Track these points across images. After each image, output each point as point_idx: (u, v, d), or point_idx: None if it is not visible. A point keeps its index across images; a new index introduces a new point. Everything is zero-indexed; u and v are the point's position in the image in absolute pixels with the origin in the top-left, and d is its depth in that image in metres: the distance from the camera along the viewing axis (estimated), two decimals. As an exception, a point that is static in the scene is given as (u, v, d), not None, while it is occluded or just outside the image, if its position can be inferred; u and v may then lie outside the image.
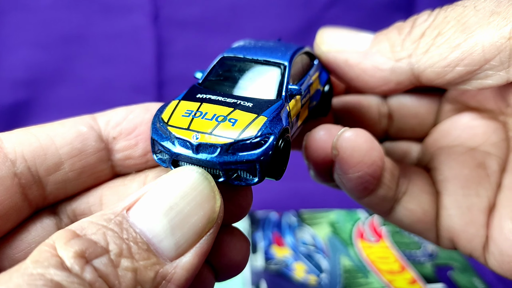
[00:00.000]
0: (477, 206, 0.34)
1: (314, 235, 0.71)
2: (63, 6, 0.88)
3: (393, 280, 0.62)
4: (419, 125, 0.41)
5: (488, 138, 0.36)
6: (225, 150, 0.24)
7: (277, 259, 0.66)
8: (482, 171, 0.35)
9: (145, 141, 0.29)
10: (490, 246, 0.33)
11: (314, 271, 0.64)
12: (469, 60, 0.28)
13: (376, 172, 0.31)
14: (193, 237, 0.22)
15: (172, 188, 0.22)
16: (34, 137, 0.26)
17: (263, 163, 0.24)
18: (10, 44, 0.91)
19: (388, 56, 0.32)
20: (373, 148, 0.31)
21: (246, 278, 0.62)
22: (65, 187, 0.28)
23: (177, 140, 0.25)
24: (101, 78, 0.93)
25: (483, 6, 0.28)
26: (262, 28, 0.89)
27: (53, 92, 0.93)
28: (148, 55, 0.91)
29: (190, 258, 0.22)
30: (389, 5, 0.87)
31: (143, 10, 0.88)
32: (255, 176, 0.24)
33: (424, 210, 0.35)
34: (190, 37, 0.90)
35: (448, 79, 0.30)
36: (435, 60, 0.30)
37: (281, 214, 0.75)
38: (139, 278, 0.20)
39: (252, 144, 0.24)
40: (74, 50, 0.91)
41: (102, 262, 0.19)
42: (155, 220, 0.21)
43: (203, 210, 0.22)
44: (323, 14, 0.89)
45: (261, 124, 0.25)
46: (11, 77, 0.92)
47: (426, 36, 0.30)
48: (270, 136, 0.25)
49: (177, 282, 0.21)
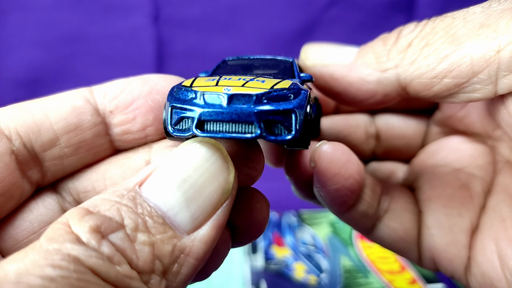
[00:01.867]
0: (459, 227, 0.33)
1: (314, 235, 0.71)
2: (64, 6, 0.88)
3: (393, 280, 0.62)
4: (406, 146, 0.41)
5: (474, 161, 0.36)
6: (260, 99, 0.23)
7: (277, 259, 0.66)
8: (466, 192, 0.35)
9: (143, 115, 0.28)
10: (472, 268, 0.32)
11: (314, 271, 0.64)
12: (457, 72, 0.28)
13: (353, 185, 0.31)
14: (209, 209, 0.21)
15: (184, 160, 0.22)
16: (27, 113, 0.26)
17: (299, 114, 0.23)
18: (11, 44, 0.91)
19: (374, 67, 0.31)
20: (350, 161, 0.31)
21: (246, 278, 0.62)
22: (63, 163, 0.28)
23: (205, 96, 0.24)
24: (101, 78, 0.93)
25: (472, 18, 0.28)
26: (262, 28, 0.89)
27: (54, 92, 0.93)
28: (148, 55, 0.91)
29: (207, 230, 0.21)
30: (390, 5, 0.87)
31: (143, 10, 0.88)
32: (291, 130, 0.23)
33: (405, 228, 0.34)
34: (190, 37, 0.90)
35: (435, 91, 0.29)
36: (422, 71, 0.29)
37: (281, 214, 0.75)
38: (156, 252, 0.19)
39: (286, 96, 0.23)
40: (75, 50, 0.91)
41: (119, 237, 0.19)
42: (169, 193, 0.21)
43: (217, 181, 0.22)
44: (324, 14, 0.89)
45: (289, 83, 0.25)
46: (12, 76, 0.92)
47: (413, 46, 0.29)
48: (302, 91, 0.24)
49: (196, 255, 0.21)
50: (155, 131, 0.29)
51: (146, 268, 0.19)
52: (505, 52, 0.26)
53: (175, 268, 0.20)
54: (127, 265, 0.18)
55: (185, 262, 0.20)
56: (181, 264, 0.20)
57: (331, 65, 0.33)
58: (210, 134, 0.23)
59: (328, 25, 0.89)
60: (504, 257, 0.30)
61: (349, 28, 0.90)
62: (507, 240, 0.31)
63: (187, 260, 0.21)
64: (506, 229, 0.31)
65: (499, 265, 0.31)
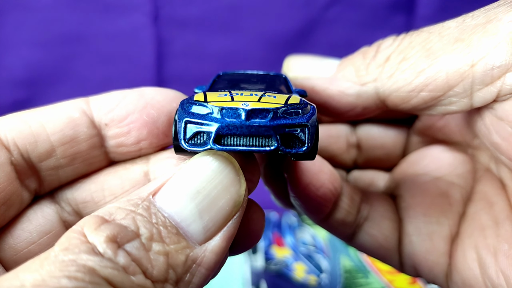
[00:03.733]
0: (438, 234, 0.34)
1: (314, 235, 0.71)
2: (63, 5, 0.88)
3: (393, 280, 0.62)
4: (387, 155, 0.41)
5: (454, 169, 0.37)
6: (277, 113, 0.24)
7: (277, 259, 0.66)
8: (445, 200, 0.35)
9: (137, 130, 0.28)
10: (453, 275, 0.33)
11: (314, 271, 0.64)
12: (434, 86, 0.28)
13: (326, 194, 0.32)
14: (221, 220, 0.22)
15: (198, 172, 0.22)
16: (25, 124, 0.26)
17: (312, 127, 0.25)
18: (10, 44, 0.91)
19: (353, 81, 0.32)
20: (321, 171, 0.32)
21: (246, 278, 0.62)
22: (58, 173, 0.28)
23: (224, 111, 0.24)
24: (101, 78, 0.93)
25: (447, 33, 0.28)
26: (262, 28, 0.89)
27: (53, 92, 0.93)
28: (148, 55, 0.91)
29: (219, 241, 0.22)
30: (390, 5, 0.87)
31: (143, 9, 0.88)
32: (305, 142, 0.24)
33: (385, 235, 0.35)
34: (190, 37, 0.90)
35: (413, 104, 0.30)
36: (400, 84, 0.29)
37: (281, 214, 0.75)
38: (171, 261, 0.20)
39: (299, 111, 0.25)
40: (74, 49, 0.91)
41: (134, 246, 0.19)
42: (182, 204, 0.21)
43: (230, 193, 0.22)
44: (324, 14, 0.89)
45: (298, 98, 0.26)
46: (10, 76, 0.92)
47: (391, 60, 0.30)
48: (311, 106, 0.26)
49: (207, 266, 0.21)
50: (148, 145, 0.29)
51: (160, 277, 0.19)
52: (478, 66, 0.26)
53: (187, 277, 0.21)
54: (142, 275, 0.19)
55: (197, 272, 0.21)
56: (193, 274, 0.21)
57: (313, 78, 0.33)
58: (228, 147, 0.24)
59: (328, 24, 0.89)
60: (484, 265, 0.31)
61: (349, 28, 0.90)
62: (487, 248, 0.31)
63: (198, 270, 0.21)
64: (485, 237, 0.32)
65: (479, 273, 0.31)
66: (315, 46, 0.90)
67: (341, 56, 0.94)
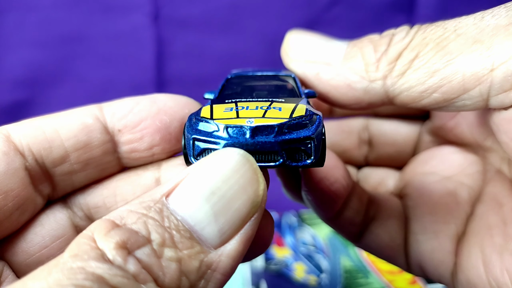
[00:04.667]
0: (444, 233, 0.34)
1: (314, 235, 0.71)
2: (63, 5, 0.88)
3: (393, 280, 0.62)
4: (398, 153, 0.41)
5: (464, 170, 0.36)
6: (281, 129, 0.24)
7: (277, 259, 0.66)
8: (452, 199, 0.35)
9: (150, 135, 0.29)
10: (459, 274, 0.33)
11: (314, 271, 0.64)
12: (448, 88, 0.27)
13: (339, 190, 0.32)
14: (238, 223, 0.21)
15: (213, 172, 0.21)
16: (39, 130, 0.27)
17: (318, 140, 0.25)
18: (10, 44, 0.91)
19: (362, 75, 0.30)
20: (336, 167, 0.32)
21: (246, 278, 0.62)
22: (71, 178, 0.28)
23: (229, 129, 0.24)
24: (101, 78, 0.93)
25: (464, 31, 0.27)
26: (263, 28, 0.90)
27: (53, 92, 0.93)
28: (148, 55, 0.91)
29: (235, 245, 0.21)
30: (390, 5, 0.87)
31: (143, 9, 0.88)
32: (310, 155, 0.24)
33: (390, 235, 0.35)
34: (191, 37, 0.90)
35: (423, 104, 0.29)
36: (411, 84, 0.28)
37: (281, 214, 0.75)
38: (183, 268, 0.19)
39: (304, 123, 0.25)
40: (74, 49, 0.91)
41: (145, 253, 0.18)
42: (197, 206, 0.20)
43: (247, 194, 0.21)
44: (324, 14, 0.89)
45: (304, 108, 0.26)
46: (11, 76, 0.92)
47: (403, 57, 0.29)
48: (317, 116, 0.26)
49: (223, 271, 0.20)
50: (161, 150, 0.29)
51: (172, 285, 0.18)
52: (498, 71, 0.25)
53: (202, 284, 0.20)
54: (153, 283, 0.18)
55: (212, 277, 0.20)
56: (208, 280, 0.20)
57: (317, 63, 0.32)
58: None
59: (329, 24, 0.89)
60: (489, 264, 0.31)
61: (350, 28, 0.90)
62: (492, 247, 0.31)
63: (213, 275, 0.20)
64: (492, 236, 0.31)
65: (484, 272, 0.31)
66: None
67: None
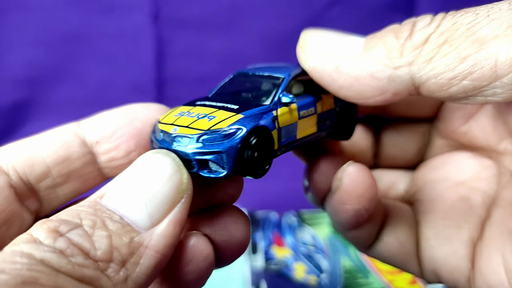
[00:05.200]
0: (458, 237, 0.33)
1: (314, 235, 0.71)
2: (64, 5, 0.89)
3: (393, 280, 0.62)
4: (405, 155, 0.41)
5: (478, 174, 0.36)
6: (196, 140, 0.26)
7: (277, 259, 0.66)
8: (465, 204, 0.34)
9: (126, 142, 0.31)
10: (477, 280, 0.32)
11: (314, 271, 0.64)
12: (479, 74, 0.25)
13: (371, 207, 0.32)
14: (166, 206, 0.23)
15: (140, 169, 0.24)
16: (22, 150, 0.29)
17: (229, 155, 0.26)
18: (10, 43, 0.91)
19: (385, 63, 0.28)
20: (373, 185, 0.32)
21: (246, 278, 0.62)
22: (56, 192, 0.30)
23: (161, 133, 0.28)
24: (101, 78, 0.93)
25: (498, 16, 0.25)
26: (262, 28, 0.90)
27: (54, 91, 0.94)
28: (148, 55, 0.91)
29: (165, 226, 0.23)
30: (390, 6, 0.87)
31: (143, 9, 0.88)
32: (223, 168, 0.26)
33: (401, 242, 0.35)
34: (191, 37, 0.90)
35: (451, 92, 0.27)
36: (440, 70, 0.26)
37: (281, 214, 0.75)
38: (114, 243, 0.21)
39: (221, 136, 0.26)
40: (74, 49, 0.91)
41: (76, 233, 0.21)
42: (126, 198, 0.23)
43: (172, 181, 0.24)
44: (324, 13, 0.89)
45: (234, 120, 0.27)
46: (11, 76, 0.92)
47: (431, 42, 0.27)
48: (239, 130, 0.26)
49: (155, 248, 0.23)
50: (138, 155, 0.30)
51: (104, 257, 0.21)
52: None
53: (134, 258, 0.22)
54: (82, 255, 0.20)
55: (145, 253, 0.22)
56: (140, 255, 0.22)
57: (336, 57, 0.30)
58: None
59: (329, 25, 0.89)
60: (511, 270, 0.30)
61: (350, 28, 0.89)
62: None
63: (146, 252, 0.22)
64: None
65: (506, 277, 0.30)
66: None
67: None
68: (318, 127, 0.33)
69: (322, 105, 0.34)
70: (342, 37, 0.32)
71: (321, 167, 0.34)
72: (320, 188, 0.34)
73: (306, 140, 0.33)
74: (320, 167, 0.34)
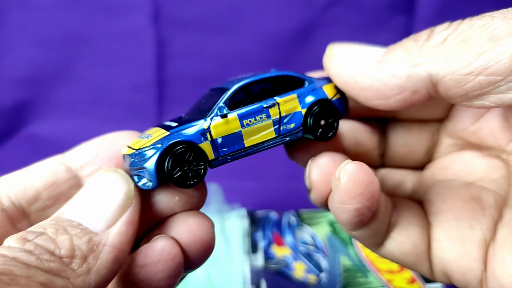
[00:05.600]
0: (470, 239, 0.33)
1: (314, 235, 0.71)
2: (65, 6, 0.89)
3: (392, 279, 0.62)
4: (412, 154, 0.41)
5: (487, 175, 0.36)
6: (130, 158, 0.31)
7: (277, 259, 0.66)
8: (477, 205, 0.34)
9: (107, 163, 0.35)
10: (490, 281, 0.32)
11: (313, 271, 0.64)
12: (494, 69, 0.27)
13: (373, 205, 0.32)
14: (118, 211, 0.28)
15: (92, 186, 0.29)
16: (14, 179, 0.33)
17: (150, 170, 0.30)
18: (12, 44, 0.91)
19: (404, 62, 0.30)
20: (373, 182, 0.32)
21: (246, 277, 0.62)
22: (46, 213, 0.33)
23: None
24: (102, 78, 0.93)
25: None
26: (262, 28, 0.90)
27: (55, 92, 0.94)
28: (148, 55, 0.91)
29: (120, 225, 0.28)
30: (390, 6, 0.88)
31: (144, 10, 0.89)
32: (151, 181, 0.30)
33: (413, 242, 0.34)
34: (191, 37, 0.90)
35: (467, 89, 0.28)
36: (456, 66, 0.28)
37: (281, 214, 0.76)
38: (75, 242, 0.25)
39: (143, 154, 0.30)
40: (75, 50, 0.91)
41: (41, 238, 0.25)
42: (83, 209, 0.28)
43: (121, 191, 0.29)
44: (324, 14, 0.89)
45: (159, 138, 0.31)
46: (12, 76, 0.92)
47: (448, 41, 0.29)
48: (157, 148, 0.30)
49: (112, 244, 0.27)
50: None
51: (68, 254, 0.25)
52: None
53: (94, 253, 0.26)
54: (47, 254, 0.24)
55: (103, 249, 0.26)
56: (99, 251, 0.26)
57: (359, 61, 0.32)
58: None
59: (328, 25, 0.90)
60: None
61: (349, 28, 0.90)
62: None
63: (104, 248, 0.26)
64: None
65: None
66: (315, 47, 0.90)
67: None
68: (278, 131, 0.34)
69: (280, 110, 0.34)
70: (364, 47, 0.34)
71: (321, 167, 0.34)
72: (321, 189, 0.34)
73: (266, 146, 0.33)
74: (320, 167, 0.34)
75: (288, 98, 0.34)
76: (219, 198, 0.74)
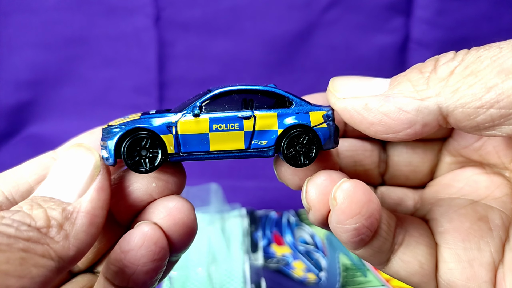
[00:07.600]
0: (479, 261, 0.33)
1: (313, 234, 0.72)
2: (66, 7, 0.89)
3: (391, 278, 0.62)
4: (414, 172, 0.41)
5: (491, 193, 0.36)
6: (103, 133, 0.33)
7: (276, 258, 0.67)
8: (484, 225, 0.34)
9: None
10: None
11: (313, 270, 0.65)
12: (506, 102, 0.26)
13: (373, 224, 0.31)
14: (87, 180, 0.29)
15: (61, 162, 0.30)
16: (8, 176, 0.34)
17: (110, 147, 0.32)
18: (14, 45, 0.92)
19: (412, 96, 0.29)
20: (371, 201, 0.31)
21: (246, 276, 0.63)
22: None
23: None
24: (103, 79, 0.94)
25: None
26: (262, 30, 0.90)
27: (56, 93, 0.94)
28: (150, 57, 0.92)
29: (91, 193, 0.29)
30: (388, 7, 0.88)
31: (145, 12, 0.89)
32: (111, 158, 0.32)
33: (420, 262, 0.34)
34: (192, 39, 0.91)
35: (478, 121, 0.28)
36: (467, 100, 0.27)
37: (280, 214, 0.76)
38: (49, 214, 0.27)
39: (110, 132, 0.32)
40: (77, 51, 0.92)
41: (18, 215, 0.26)
42: (54, 184, 0.29)
43: (88, 162, 0.30)
44: (323, 16, 0.89)
45: (128, 120, 0.32)
46: (14, 78, 0.93)
47: (456, 74, 0.28)
48: (121, 128, 0.32)
49: (85, 210, 0.28)
50: None
51: (44, 224, 0.26)
52: None
53: (70, 221, 0.27)
54: (25, 226, 0.25)
55: (78, 215, 0.28)
56: (74, 217, 0.28)
57: (364, 96, 0.32)
58: None
59: (328, 27, 0.90)
60: None
61: (348, 30, 0.90)
62: None
63: (79, 214, 0.28)
64: None
65: None
66: (314, 48, 0.91)
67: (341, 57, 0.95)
68: (248, 144, 0.33)
69: (255, 123, 0.33)
70: (367, 80, 0.33)
71: (319, 186, 0.33)
72: (320, 209, 0.33)
73: (232, 155, 0.33)
74: (318, 186, 0.33)
75: (267, 114, 0.33)
76: (219, 198, 0.75)
